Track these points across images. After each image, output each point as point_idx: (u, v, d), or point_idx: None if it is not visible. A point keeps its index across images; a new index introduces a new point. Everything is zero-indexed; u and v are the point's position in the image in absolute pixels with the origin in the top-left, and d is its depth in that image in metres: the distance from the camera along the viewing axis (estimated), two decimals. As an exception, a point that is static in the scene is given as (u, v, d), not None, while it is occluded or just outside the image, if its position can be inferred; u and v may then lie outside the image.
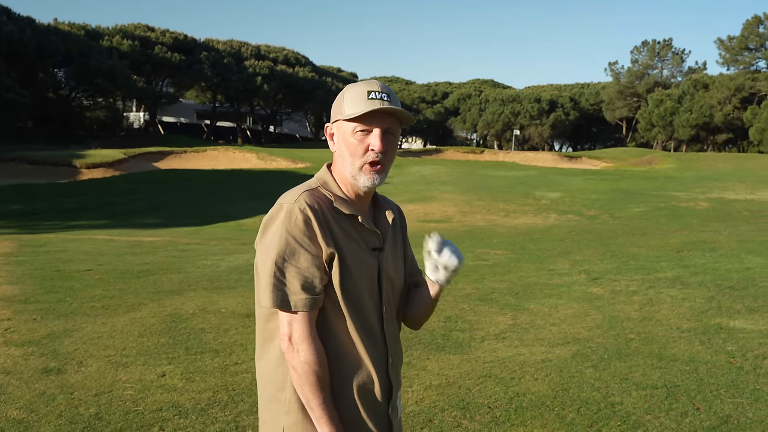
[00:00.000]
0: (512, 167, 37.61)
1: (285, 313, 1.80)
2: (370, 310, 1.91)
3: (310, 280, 1.79)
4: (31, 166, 31.43)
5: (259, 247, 1.85)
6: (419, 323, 2.16)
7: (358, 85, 1.90)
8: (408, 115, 1.90)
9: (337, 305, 1.84)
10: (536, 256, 11.97)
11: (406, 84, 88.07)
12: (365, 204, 1.98)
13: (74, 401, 4.59)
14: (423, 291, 2.09)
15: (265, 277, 1.80)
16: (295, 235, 1.79)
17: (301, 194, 1.85)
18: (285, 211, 1.82)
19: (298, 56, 69.35)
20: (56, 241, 14.44)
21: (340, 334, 1.86)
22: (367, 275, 1.89)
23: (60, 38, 44.45)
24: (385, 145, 1.87)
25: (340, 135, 1.91)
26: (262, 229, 1.86)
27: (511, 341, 6.18)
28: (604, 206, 21.59)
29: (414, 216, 19.90)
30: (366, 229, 1.92)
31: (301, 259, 1.79)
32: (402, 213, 2.16)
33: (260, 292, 1.82)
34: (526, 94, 78.36)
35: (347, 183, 1.92)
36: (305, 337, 1.78)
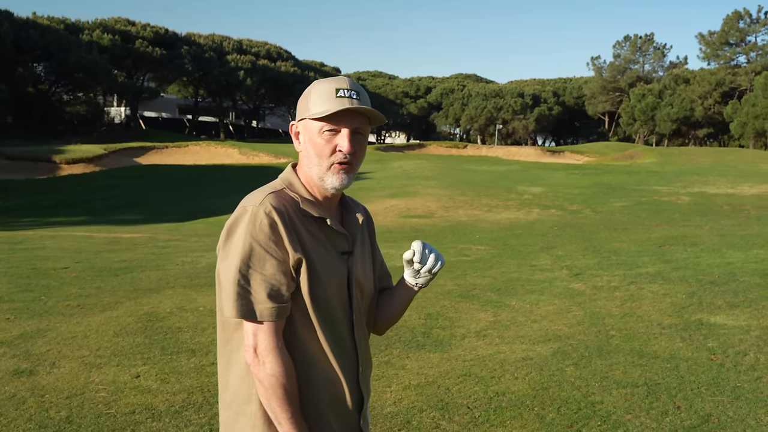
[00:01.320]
0: (495, 162, 37.65)
1: (250, 323, 1.70)
2: (340, 318, 1.82)
3: (277, 288, 1.70)
4: (9, 161, 31.05)
5: (221, 253, 1.75)
6: (385, 329, 2.09)
7: (326, 82, 1.81)
8: (378, 114, 1.81)
9: (305, 313, 1.76)
10: (518, 252, 11.94)
11: (389, 78, 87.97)
12: (332, 206, 1.89)
13: (45, 404, 4.48)
14: (395, 295, 2.01)
15: (228, 285, 1.70)
16: (260, 240, 1.70)
17: (266, 196, 1.75)
18: (249, 214, 1.72)
19: (281, 51, 69.06)
20: (34, 238, 14.25)
21: (308, 343, 1.77)
22: (336, 281, 1.81)
23: (39, 32, 43.97)
24: (354, 145, 1.78)
25: (306, 134, 1.82)
26: (224, 234, 1.75)
27: (492, 339, 6.13)
28: (586, 201, 21.62)
29: (396, 211, 19.84)
30: (334, 232, 1.84)
31: (266, 266, 1.70)
32: (369, 215, 2.08)
33: (223, 301, 1.72)
34: (510, 88, 78.50)
35: (314, 184, 1.83)
36: (271, 348, 1.69)
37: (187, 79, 59.55)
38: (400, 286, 2.00)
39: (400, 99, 78.25)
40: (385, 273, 2.10)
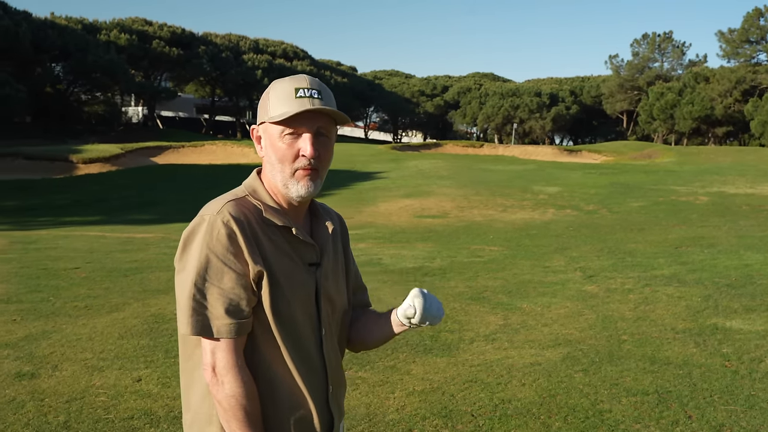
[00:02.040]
0: (511, 161, 37.41)
1: (207, 341, 1.60)
2: (307, 334, 1.71)
3: (236, 303, 1.59)
4: (27, 161, 31.24)
5: (177, 265, 1.64)
6: (360, 349, 1.97)
7: (284, 82, 1.69)
8: (341, 114, 1.69)
9: (267, 329, 1.64)
10: (532, 253, 11.79)
11: (406, 77, 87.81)
12: (300, 214, 1.77)
13: (44, 408, 4.43)
14: (379, 326, 1.87)
15: (183, 299, 1.60)
16: (217, 252, 1.58)
17: (224, 205, 1.64)
18: (206, 224, 1.61)
19: (297, 50, 69.15)
20: (48, 238, 14.28)
21: (272, 362, 1.65)
22: (302, 294, 1.69)
23: (57, 32, 44.26)
24: (318, 148, 1.67)
25: (267, 139, 1.70)
26: (181, 245, 1.64)
27: (501, 343, 6.02)
28: (602, 201, 21.39)
29: (410, 211, 19.72)
30: (301, 243, 1.72)
31: (224, 279, 1.58)
32: (344, 223, 1.96)
33: (178, 316, 1.61)
34: (526, 87, 78.08)
35: (278, 191, 1.71)
36: (230, 367, 1.58)
37: (204, 78, 59.72)
38: (388, 320, 1.85)
39: (417, 98, 78.07)
40: (359, 286, 1.98)
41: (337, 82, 67.37)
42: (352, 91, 68.96)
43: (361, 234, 15.18)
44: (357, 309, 1.96)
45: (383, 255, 11.56)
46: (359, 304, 1.97)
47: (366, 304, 1.99)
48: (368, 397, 4.58)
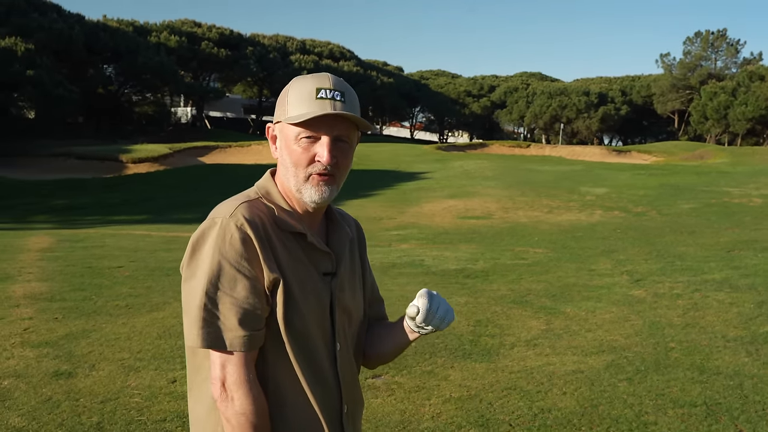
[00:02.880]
0: (558, 162, 36.89)
1: (217, 354, 1.49)
2: (320, 348, 1.59)
3: (250, 313, 1.48)
4: (78, 160, 31.87)
5: (185, 272, 1.53)
6: (376, 365, 1.84)
7: (305, 80, 1.58)
8: (364, 122, 1.58)
9: (278, 342, 1.53)
10: (577, 255, 11.53)
11: (452, 78, 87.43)
12: (316, 220, 1.66)
13: (78, 408, 4.43)
14: (392, 336, 1.75)
15: (193, 309, 1.49)
16: (230, 258, 1.48)
17: (237, 207, 1.53)
18: (218, 227, 1.50)
19: (343, 50, 69.37)
20: (95, 237, 14.50)
21: (281, 377, 1.54)
22: (316, 306, 1.58)
23: (109, 35, 45.09)
24: (336, 155, 1.55)
25: (282, 140, 1.60)
26: (189, 250, 1.53)
27: (543, 348, 5.85)
28: (651, 202, 20.91)
29: (454, 212, 19.54)
30: (316, 250, 1.61)
31: (238, 287, 1.48)
32: (361, 230, 1.85)
33: (187, 327, 1.50)
34: (575, 87, 77.03)
35: (293, 195, 1.60)
36: (242, 382, 1.47)
37: (252, 79, 60.28)
38: (399, 328, 1.73)
39: (463, 98, 77.62)
40: (376, 298, 1.86)
41: (383, 82, 67.41)
42: (398, 91, 68.91)
43: (404, 235, 15.08)
44: (372, 322, 1.84)
45: (426, 256, 11.43)
46: (375, 317, 1.84)
47: (383, 318, 1.87)
48: (403, 404, 4.47)
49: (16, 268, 9.72)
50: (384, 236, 14.84)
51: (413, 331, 1.69)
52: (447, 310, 1.66)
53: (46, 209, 21.74)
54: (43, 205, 22.43)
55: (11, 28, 37.70)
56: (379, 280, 6.95)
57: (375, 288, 1.87)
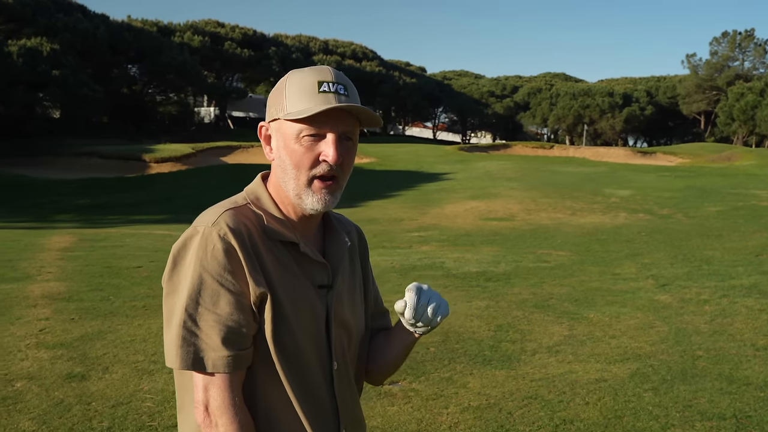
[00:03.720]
0: (582, 163, 36.52)
1: (200, 375, 1.36)
2: (315, 368, 1.46)
3: (235, 331, 1.35)
4: (102, 160, 32.07)
5: (166, 286, 1.40)
6: (383, 379, 1.70)
7: (304, 73, 1.44)
8: (373, 114, 1.43)
9: (268, 362, 1.40)
10: (601, 259, 11.33)
11: (476, 78, 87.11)
12: (311, 227, 1.52)
13: (90, 413, 4.35)
14: (393, 338, 1.62)
15: (172, 327, 1.36)
16: (212, 271, 1.34)
17: (221, 214, 1.40)
18: (199, 237, 1.37)
19: (366, 50, 69.35)
20: (116, 236, 14.51)
21: (272, 400, 1.41)
22: (310, 322, 1.44)
23: (133, 35, 45.36)
24: (342, 154, 1.41)
25: (280, 139, 1.45)
26: (170, 262, 1.40)
27: (565, 355, 5.69)
28: (677, 205, 20.59)
29: (476, 213, 19.36)
30: (310, 261, 1.47)
31: (221, 303, 1.35)
32: (363, 236, 1.70)
33: (166, 346, 1.38)
34: (599, 87, 76.39)
35: (287, 201, 1.47)
36: (226, 406, 1.34)
37: (275, 79, 60.35)
38: (397, 332, 1.60)
39: (486, 99, 77.24)
40: (380, 310, 1.72)
41: (405, 82, 67.30)
42: (420, 91, 68.76)
43: (425, 236, 14.94)
44: (375, 334, 1.70)
45: (446, 258, 11.29)
46: (379, 330, 1.71)
47: (387, 329, 1.73)
48: (420, 412, 4.35)
49: (36, 268, 9.73)
50: (405, 238, 14.71)
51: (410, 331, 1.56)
52: (439, 304, 1.52)
53: (70, 208, 21.87)
54: (66, 204, 22.57)
55: (37, 28, 38.07)
56: (398, 282, 6.86)
57: (378, 299, 1.73)
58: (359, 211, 20.02)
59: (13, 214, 20.44)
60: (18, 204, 22.48)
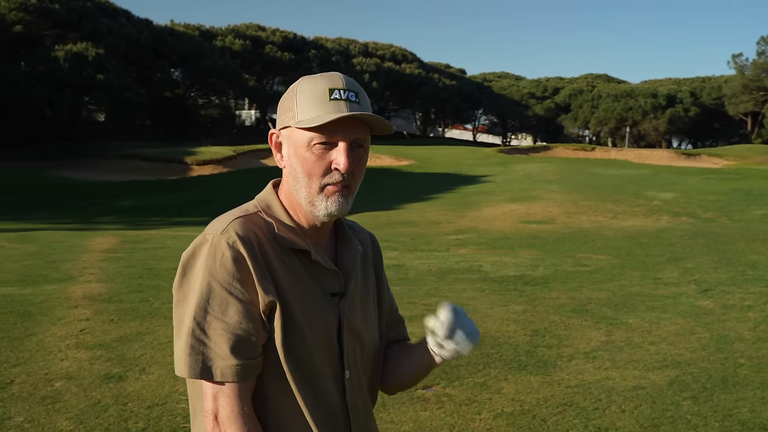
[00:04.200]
0: (624, 165, 36.00)
1: (209, 384, 1.35)
2: (326, 377, 1.44)
3: (243, 340, 1.34)
4: (145, 162, 32.58)
5: (176, 294, 1.39)
6: (396, 390, 1.67)
7: (315, 80, 1.43)
8: (384, 122, 1.41)
9: (278, 372, 1.39)
10: (642, 263, 11.14)
11: (516, 79, 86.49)
12: (323, 235, 1.50)
13: (125, 413, 4.41)
14: (413, 358, 1.59)
15: (182, 335, 1.36)
16: (220, 279, 1.34)
17: (231, 222, 1.39)
18: (209, 245, 1.37)
19: (405, 53, 69.33)
20: (157, 238, 14.73)
21: (282, 411, 1.40)
22: (321, 330, 1.43)
23: (176, 39, 46.05)
24: (353, 162, 1.40)
25: (291, 147, 1.44)
26: (180, 270, 1.40)
27: (602, 362, 5.60)
28: (722, 208, 20.18)
29: (515, 216, 19.22)
30: (321, 269, 1.46)
31: (229, 312, 1.34)
32: (377, 244, 1.68)
33: (175, 354, 1.38)
34: (642, 89, 75.25)
35: (299, 208, 1.46)
36: (235, 416, 1.34)
37: (315, 82, 60.81)
38: (421, 349, 1.56)
39: (526, 100, 76.65)
40: (395, 318, 1.69)
41: (445, 84, 67.15)
42: (460, 93, 68.55)
43: (463, 239, 14.87)
44: (391, 344, 1.67)
45: (484, 262, 11.22)
46: (394, 340, 1.68)
47: (403, 339, 1.71)
48: (452, 418, 4.32)
49: (79, 269, 9.91)
50: (442, 241, 14.65)
51: (434, 353, 1.53)
52: (472, 332, 1.48)
53: (113, 210, 22.27)
54: (109, 206, 22.99)
55: (83, 33, 38.89)
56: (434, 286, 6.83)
57: (394, 307, 1.71)
58: (397, 214, 20.01)
59: (59, 215, 20.89)
60: (63, 206, 22.97)
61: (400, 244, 13.81)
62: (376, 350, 1.60)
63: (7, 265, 10.41)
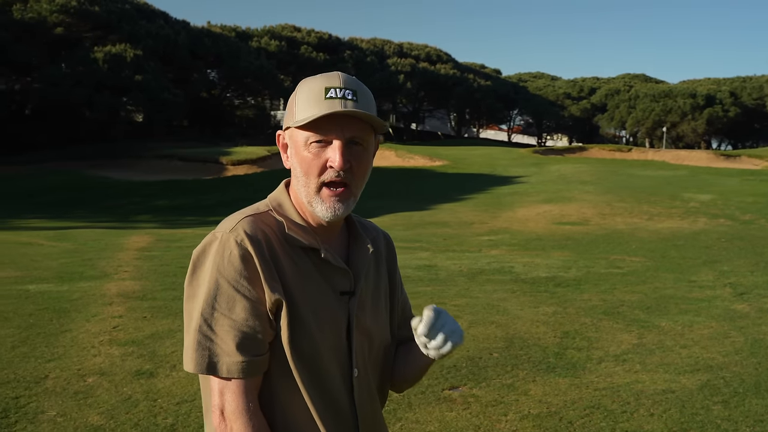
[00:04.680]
0: (661, 166, 35.52)
1: (216, 380, 1.37)
2: (334, 375, 1.45)
3: (250, 337, 1.36)
4: (181, 162, 33.03)
5: (187, 290, 1.42)
6: (404, 388, 1.68)
7: (314, 80, 1.45)
8: (379, 121, 1.43)
9: (285, 370, 1.40)
10: (677, 265, 10.99)
11: (552, 80, 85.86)
12: (333, 233, 1.51)
13: (155, 409, 4.47)
14: (412, 355, 1.59)
15: (190, 331, 1.38)
16: (228, 277, 1.36)
17: (240, 221, 1.42)
18: (218, 243, 1.39)
19: (440, 53, 69.23)
20: (191, 237, 14.90)
21: (289, 408, 1.41)
22: (330, 329, 1.44)
23: (212, 40, 46.56)
24: (349, 160, 1.41)
25: (292, 146, 1.46)
26: (190, 267, 1.42)
27: (632, 365, 5.54)
28: (761, 210, 19.80)
29: (549, 217, 19.08)
30: (331, 267, 1.46)
31: (236, 309, 1.36)
32: (391, 243, 1.68)
33: (184, 349, 1.40)
34: (681, 89, 74.12)
35: (306, 207, 1.47)
36: (240, 411, 1.35)
37: (349, 83, 61.02)
38: (417, 348, 1.56)
39: (562, 100, 76.03)
40: (408, 317, 1.66)
41: (480, 84, 66.90)
42: (495, 93, 68.27)
43: (495, 240, 14.80)
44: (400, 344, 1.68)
45: (515, 263, 11.16)
46: (406, 340, 1.68)
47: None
48: (478, 418, 4.30)
49: (114, 266, 10.08)
50: (474, 241, 14.61)
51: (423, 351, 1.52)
52: (453, 331, 1.46)
53: (149, 209, 22.59)
54: (146, 205, 23.33)
55: (121, 35, 39.51)
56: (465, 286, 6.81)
57: (407, 306, 1.71)
58: (429, 215, 20.00)
59: (96, 214, 21.26)
60: (101, 205, 23.38)
61: (432, 244, 13.80)
62: (387, 349, 1.60)
63: (45, 263, 10.62)
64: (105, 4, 40.23)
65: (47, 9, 37.95)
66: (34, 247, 12.96)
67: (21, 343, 5.95)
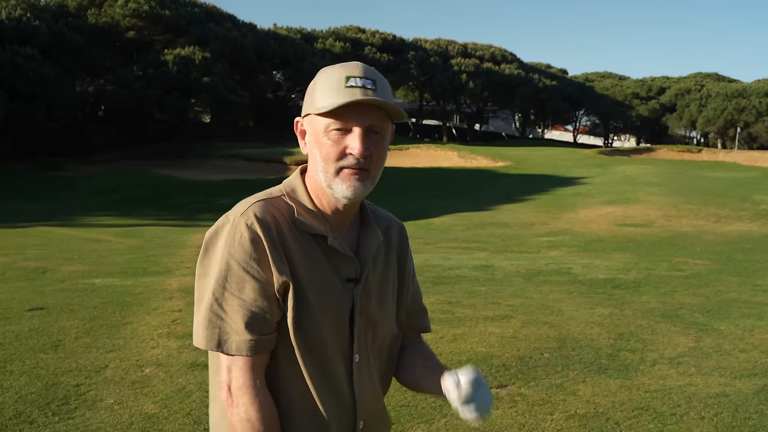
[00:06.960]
0: (731, 168, 34.49)
1: (224, 357, 1.44)
2: (336, 359, 1.50)
3: (258, 316, 1.42)
4: (246, 162, 33.62)
5: (199, 269, 1.49)
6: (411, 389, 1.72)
7: (334, 69, 1.49)
8: (397, 108, 1.46)
9: (289, 350, 1.46)
10: (743, 269, 10.69)
11: (619, 79, 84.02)
12: (345, 220, 1.55)
13: (207, 399, 4.55)
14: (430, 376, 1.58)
15: (201, 309, 1.45)
16: (238, 258, 1.42)
17: (251, 205, 1.47)
18: (229, 225, 1.45)
19: (505, 53, 68.60)
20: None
21: (291, 387, 1.47)
22: (333, 314, 1.49)
23: (278, 42, 47.22)
24: (368, 147, 1.45)
25: (311, 133, 1.51)
26: (203, 248, 1.49)
27: (687, 368, 5.42)
28: (837, 213, 19.06)
29: (611, 219, 18.75)
30: (338, 254, 1.51)
31: (246, 289, 1.42)
32: (404, 233, 1.71)
33: (195, 327, 1.47)
34: (755, 87, 71.63)
35: (322, 193, 1.51)
36: (247, 387, 1.41)
37: (413, 83, 61.04)
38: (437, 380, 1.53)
39: (630, 101, 74.40)
40: (417, 308, 1.72)
41: (545, 85, 66.05)
42: (561, 93, 67.30)
43: (555, 241, 14.64)
44: (411, 338, 1.71)
45: (574, 264, 11.02)
46: (414, 330, 1.71)
47: (423, 330, 1.74)
48: (524, 417, 4.29)
49: (176, 263, 10.35)
50: (533, 242, 14.47)
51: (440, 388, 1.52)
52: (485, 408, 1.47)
53: (213, 208, 23.04)
54: (210, 204, 23.83)
55: (190, 37, 40.46)
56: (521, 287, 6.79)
57: (417, 297, 1.73)
58: (490, 215, 19.89)
59: (163, 212, 21.85)
60: (167, 203, 24.01)
61: (490, 245, 13.73)
62: (392, 338, 1.63)
63: (111, 258, 10.99)
64: (175, 8, 41.25)
65: (120, 13, 39.16)
66: (102, 243, 13.42)
67: (84, 334, 6.19)
